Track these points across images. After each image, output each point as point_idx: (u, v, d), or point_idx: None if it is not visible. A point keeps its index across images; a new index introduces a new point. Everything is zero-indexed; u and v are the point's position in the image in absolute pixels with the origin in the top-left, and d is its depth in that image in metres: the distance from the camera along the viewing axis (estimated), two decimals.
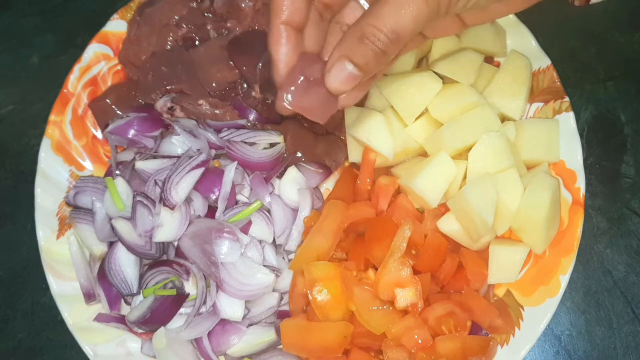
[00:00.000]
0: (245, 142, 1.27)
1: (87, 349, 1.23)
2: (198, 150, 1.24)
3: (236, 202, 1.24)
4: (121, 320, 1.23)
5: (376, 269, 1.13)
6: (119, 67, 1.41)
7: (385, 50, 0.85)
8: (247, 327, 1.21)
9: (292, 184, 1.26)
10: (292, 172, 1.26)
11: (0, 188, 1.49)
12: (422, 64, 1.35)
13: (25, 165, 1.47)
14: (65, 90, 1.36)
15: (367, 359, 1.15)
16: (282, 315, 1.24)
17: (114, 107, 1.35)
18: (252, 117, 1.32)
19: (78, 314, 1.25)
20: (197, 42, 1.38)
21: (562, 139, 1.25)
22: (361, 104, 1.33)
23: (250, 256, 1.19)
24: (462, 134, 1.19)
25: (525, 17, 1.32)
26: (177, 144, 1.27)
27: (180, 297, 1.20)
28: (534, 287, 1.20)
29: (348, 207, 1.20)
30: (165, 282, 1.20)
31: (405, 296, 1.09)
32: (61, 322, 1.25)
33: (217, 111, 1.33)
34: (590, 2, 0.95)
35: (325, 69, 0.88)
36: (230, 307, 1.17)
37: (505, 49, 1.32)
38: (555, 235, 1.21)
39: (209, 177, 1.22)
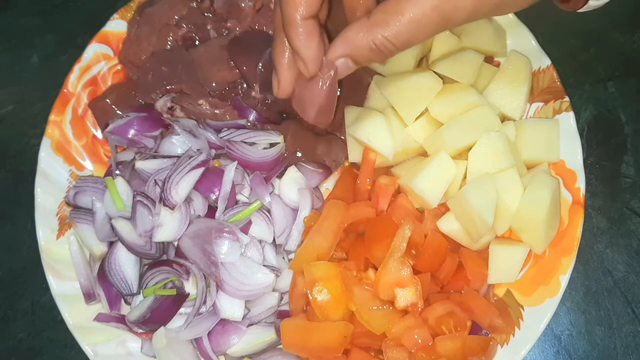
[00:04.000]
0: (245, 142, 1.27)
1: (87, 348, 1.23)
2: (198, 150, 1.24)
3: (236, 202, 1.24)
4: (121, 320, 1.23)
5: (376, 269, 1.13)
6: (119, 67, 1.41)
7: (390, 56, 0.89)
8: (247, 327, 1.21)
9: (292, 184, 1.25)
10: (292, 172, 1.26)
11: (0, 188, 1.49)
12: (422, 64, 1.35)
13: (25, 165, 1.47)
14: (65, 90, 1.36)
15: (367, 359, 1.15)
16: (282, 315, 1.24)
17: (114, 107, 1.35)
18: (252, 117, 1.32)
19: (78, 314, 1.25)
20: (197, 42, 1.38)
21: (562, 139, 1.25)
22: (361, 104, 1.33)
23: (250, 256, 1.19)
24: (462, 134, 1.19)
25: (525, 17, 1.32)
26: (177, 143, 1.27)
27: (180, 297, 1.20)
28: (534, 287, 1.20)
29: (348, 207, 1.20)
30: (165, 282, 1.20)
31: (405, 296, 1.09)
32: (61, 322, 1.25)
33: (217, 111, 1.33)
34: (579, 10, 0.96)
35: (326, 59, 0.93)
36: (230, 307, 1.17)
37: (505, 49, 1.32)
38: (555, 235, 1.21)
39: (209, 177, 1.22)
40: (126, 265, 1.21)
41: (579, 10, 0.97)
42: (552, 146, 1.24)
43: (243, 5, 1.35)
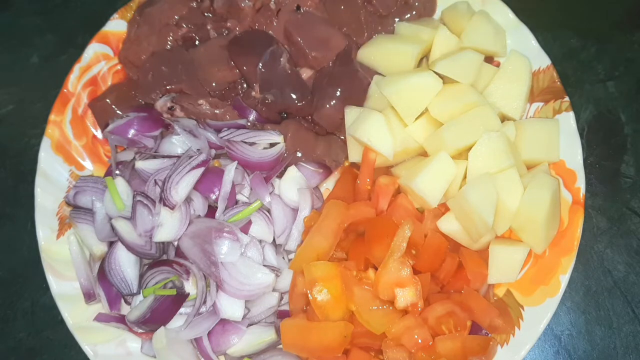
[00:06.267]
0: (245, 142, 1.27)
1: (87, 348, 1.23)
2: (198, 150, 1.24)
3: (236, 202, 1.24)
4: (121, 320, 1.23)
5: (376, 269, 1.13)
6: (119, 67, 1.41)
7: None
8: (247, 327, 1.21)
9: (292, 184, 1.26)
10: (292, 172, 1.26)
11: (0, 188, 1.49)
12: (422, 64, 1.35)
13: (25, 165, 1.47)
14: (65, 90, 1.36)
15: (367, 359, 1.15)
16: (282, 315, 1.24)
17: (114, 107, 1.35)
18: (252, 117, 1.32)
19: (78, 314, 1.25)
20: (197, 42, 1.38)
21: (562, 138, 1.25)
22: (361, 104, 1.33)
23: (250, 256, 1.19)
24: (462, 134, 1.19)
25: (525, 17, 1.32)
26: (177, 143, 1.27)
27: (180, 297, 1.20)
28: (534, 287, 1.20)
29: (348, 207, 1.20)
30: (165, 282, 1.20)
31: (405, 296, 1.09)
32: (61, 322, 1.25)
33: (217, 111, 1.33)
34: None
35: None
36: (230, 307, 1.17)
37: (505, 49, 1.32)
38: (555, 235, 1.21)
39: (209, 177, 1.22)
40: (126, 265, 1.21)
41: None
42: (552, 146, 1.24)
43: (243, 5, 1.35)
